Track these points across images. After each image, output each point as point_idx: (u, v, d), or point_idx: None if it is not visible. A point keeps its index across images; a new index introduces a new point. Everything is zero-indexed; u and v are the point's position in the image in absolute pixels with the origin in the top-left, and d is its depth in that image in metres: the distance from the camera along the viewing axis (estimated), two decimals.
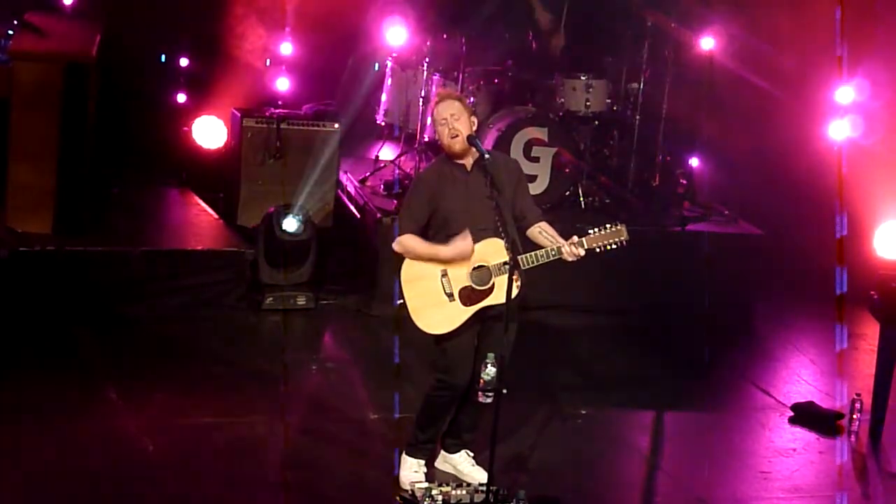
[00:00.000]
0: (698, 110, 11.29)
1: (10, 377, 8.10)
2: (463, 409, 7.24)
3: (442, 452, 7.40)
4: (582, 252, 6.89)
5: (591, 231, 6.92)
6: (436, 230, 6.98)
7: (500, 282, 6.89)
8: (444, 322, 6.94)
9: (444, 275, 6.92)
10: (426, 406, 7.20)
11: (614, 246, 6.93)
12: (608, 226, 6.93)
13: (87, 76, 9.45)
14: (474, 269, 6.92)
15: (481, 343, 7.02)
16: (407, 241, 6.94)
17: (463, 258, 6.89)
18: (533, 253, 6.87)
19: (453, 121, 6.91)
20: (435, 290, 6.93)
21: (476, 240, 6.89)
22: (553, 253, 6.89)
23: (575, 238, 6.91)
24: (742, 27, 11.45)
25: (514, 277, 6.62)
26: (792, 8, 11.37)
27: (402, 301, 6.99)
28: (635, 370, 9.32)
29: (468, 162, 6.99)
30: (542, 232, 7.02)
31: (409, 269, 6.98)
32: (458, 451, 7.37)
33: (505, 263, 6.82)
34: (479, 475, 7.24)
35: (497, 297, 6.91)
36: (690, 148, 11.46)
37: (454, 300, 6.93)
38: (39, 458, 7.15)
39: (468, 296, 6.94)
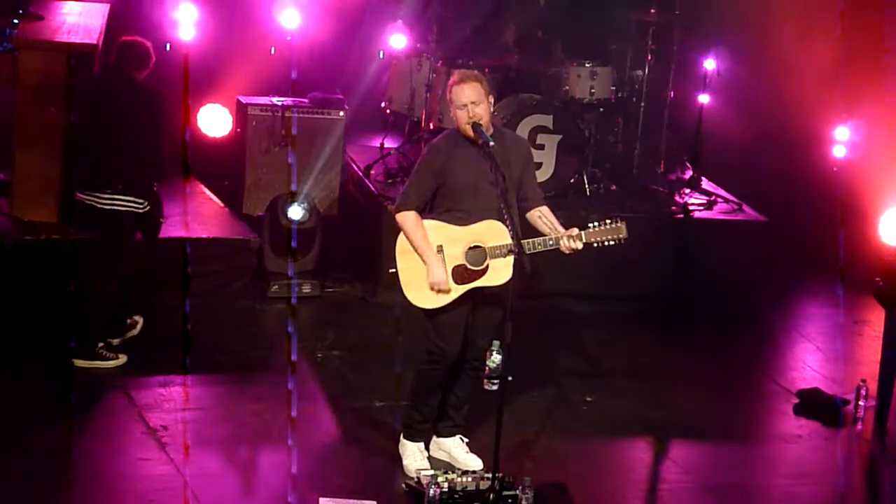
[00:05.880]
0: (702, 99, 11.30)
1: (16, 366, 8.12)
2: (451, 388, 7.25)
3: (435, 439, 7.39)
4: (580, 246, 6.89)
5: (590, 225, 6.91)
6: (440, 203, 6.99)
7: (494, 264, 6.90)
8: (434, 297, 6.95)
9: (440, 251, 6.92)
10: (420, 383, 7.22)
11: (612, 242, 6.92)
12: (608, 221, 6.91)
13: (92, 65, 9.44)
14: (470, 248, 6.92)
15: (473, 324, 7.04)
16: (408, 221, 6.95)
17: (433, 284, 6.89)
18: (531, 241, 6.87)
19: (473, 108, 6.88)
20: None
21: (479, 219, 6.90)
22: (551, 243, 6.89)
23: (574, 230, 6.90)
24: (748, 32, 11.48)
25: (518, 259, 6.64)
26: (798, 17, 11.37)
27: (394, 270, 7.01)
28: (641, 357, 9.33)
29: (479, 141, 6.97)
30: (541, 217, 7.03)
31: (405, 241, 7.00)
32: (452, 434, 7.36)
33: (502, 247, 6.84)
34: (473, 462, 7.25)
35: (490, 279, 6.92)
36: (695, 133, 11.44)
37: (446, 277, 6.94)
38: (44, 445, 7.18)
39: (461, 274, 6.94)
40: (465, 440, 7.38)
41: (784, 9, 11.39)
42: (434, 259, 6.91)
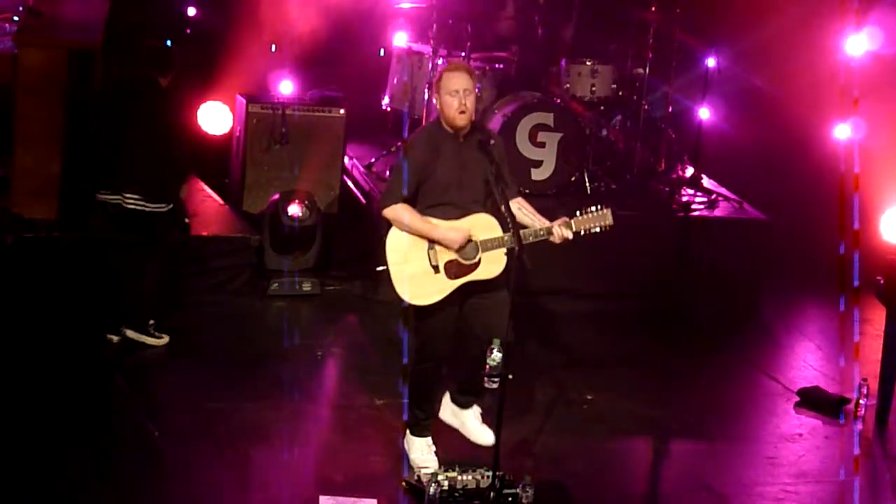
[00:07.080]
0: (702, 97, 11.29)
1: (15, 364, 8.11)
2: (459, 389, 7.20)
3: (452, 406, 7.27)
4: (570, 235, 6.86)
5: (577, 213, 6.89)
6: (424, 199, 6.91)
7: (487, 257, 6.86)
8: (427, 294, 6.89)
9: (431, 247, 6.89)
10: (413, 381, 7.16)
11: (598, 230, 6.90)
12: (594, 209, 6.88)
13: (92, 62, 9.44)
14: None
15: (470, 312, 6.99)
16: (401, 212, 6.87)
17: (453, 245, 6.86)
18: (522, 231, 6.82)
19: (465, 95, 6.82)
20: (420, 261, 6.89)
21: (466, 212, 6.87)
22: (542, 234, 6.86)
23: (564, 219, 6.88)
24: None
25: (519, 255, 6.63)
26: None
27: (385, 268, 6.96)
28: (641, 356, 9.32)
29: (461, 133, 6.94)
30: (520, 209, 6.97)
31: (395, 238, 6.93)
32: (469, 406, 7.25)
33: (494, 240, 6.81)
34: (485, 435, 7.12)
35: (482, 273, 6.88)
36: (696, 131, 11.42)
37: (439, 272, 6.88)
38: (42, 444, 7.17)
39: (453, 269, 6.89)
40: (481, 410, 7.28)
41: (784, 6, 11.38)
42: (443, 231, 6.84)
